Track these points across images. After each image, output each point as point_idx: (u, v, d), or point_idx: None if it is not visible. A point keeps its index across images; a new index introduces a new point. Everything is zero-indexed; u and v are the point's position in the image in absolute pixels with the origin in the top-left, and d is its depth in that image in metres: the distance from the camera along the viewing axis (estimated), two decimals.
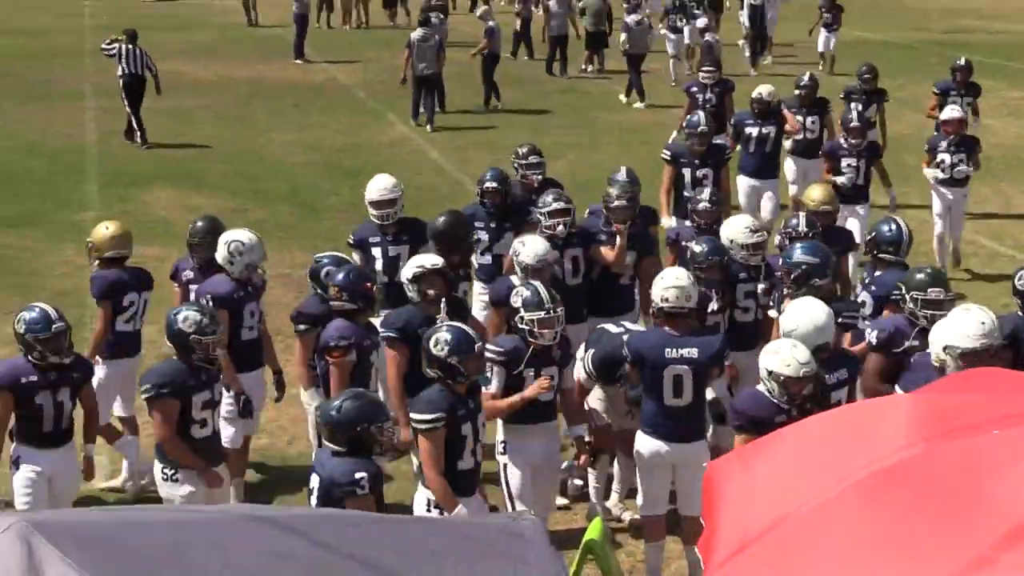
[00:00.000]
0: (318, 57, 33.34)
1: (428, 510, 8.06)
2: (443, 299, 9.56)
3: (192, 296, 10.15)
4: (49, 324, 8.46)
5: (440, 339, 8.18)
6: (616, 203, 10.93)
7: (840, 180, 14.82)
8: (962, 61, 19.48)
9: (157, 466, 8.70)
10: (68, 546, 3.89)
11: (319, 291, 9.84)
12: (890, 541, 4.65)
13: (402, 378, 9.41)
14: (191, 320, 8.52)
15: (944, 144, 15.94)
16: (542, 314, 8.80)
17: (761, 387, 8.09)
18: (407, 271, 9.61)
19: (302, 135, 24.48)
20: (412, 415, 8.12)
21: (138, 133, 23.68)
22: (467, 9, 40.55)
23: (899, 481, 4.82)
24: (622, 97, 27.97)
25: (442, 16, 28.42)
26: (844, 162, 15.23)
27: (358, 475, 7.23)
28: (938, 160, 15.84)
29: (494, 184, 11.77)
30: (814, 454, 5.22)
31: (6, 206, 19.19)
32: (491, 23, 27.47)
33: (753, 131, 16.10)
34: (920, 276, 9.22)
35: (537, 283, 9.18)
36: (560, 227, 10.77)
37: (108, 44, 24.65)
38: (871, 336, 9.07)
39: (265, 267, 10.56)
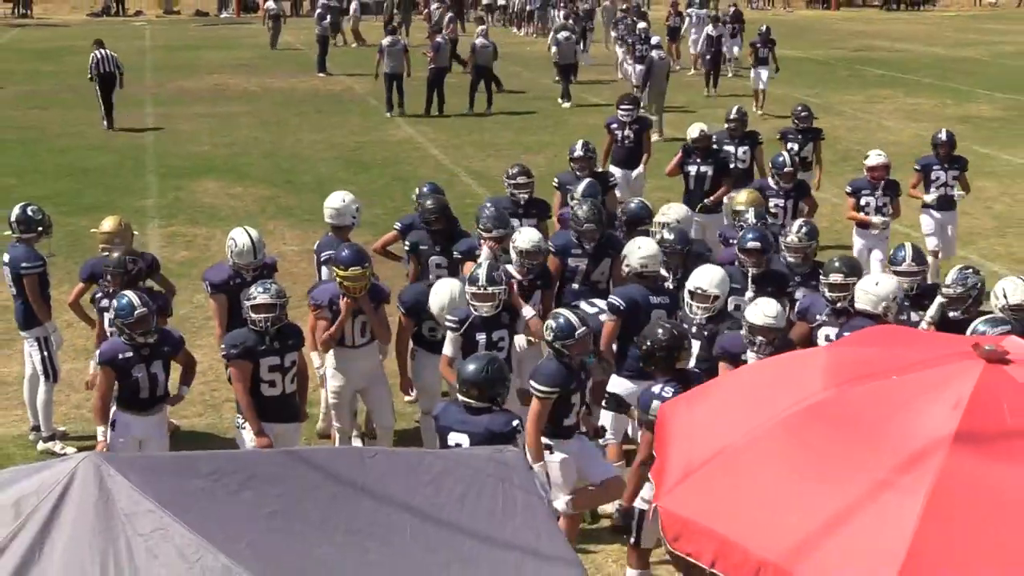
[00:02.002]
0: (337, 71, 33.16)
1: (549, 450, 7.94)
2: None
3: (106, 323, 9.33)
4: (132, 310, 8.34)
5: (548, 325, 8.09)
6: (586, 226, 10.22)
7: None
8: (943, 135, 14.34)
9: (237, 418, 8.68)
10: (134, 476, 3.90)
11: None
12: (809, 468, 4.68)
13: (407, 343, 9.50)
14: (246, 294, 8.52)
15: (868, 189, 13.23)
16: (475, 289, 8.69)
17: (743, 331, 8.20)
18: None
19: (325, 135, 24.36)
20: (532, 382, 7.93)
21: (106, 120, 24.66)
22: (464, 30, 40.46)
23: (816, 418, 4.85)
24: (560, 102, 27.83)
25: (446, 36, 28.21)
26: (772, 202, 12.65)
27: (515, 423, 7.12)
28: (862, 204, 13.18)
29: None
30: (747, 397, 5.26)
31: (81, 194, 19.10)
32: (475, 41, 27.39)
33: (692, 169, 13.90)
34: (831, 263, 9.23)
35: (486, 265, 8.95)
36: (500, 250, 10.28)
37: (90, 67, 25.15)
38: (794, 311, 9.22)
39: (268, 251, 10.27)
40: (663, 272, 9.76)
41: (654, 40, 26.80)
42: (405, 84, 26.62)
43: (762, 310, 8.11)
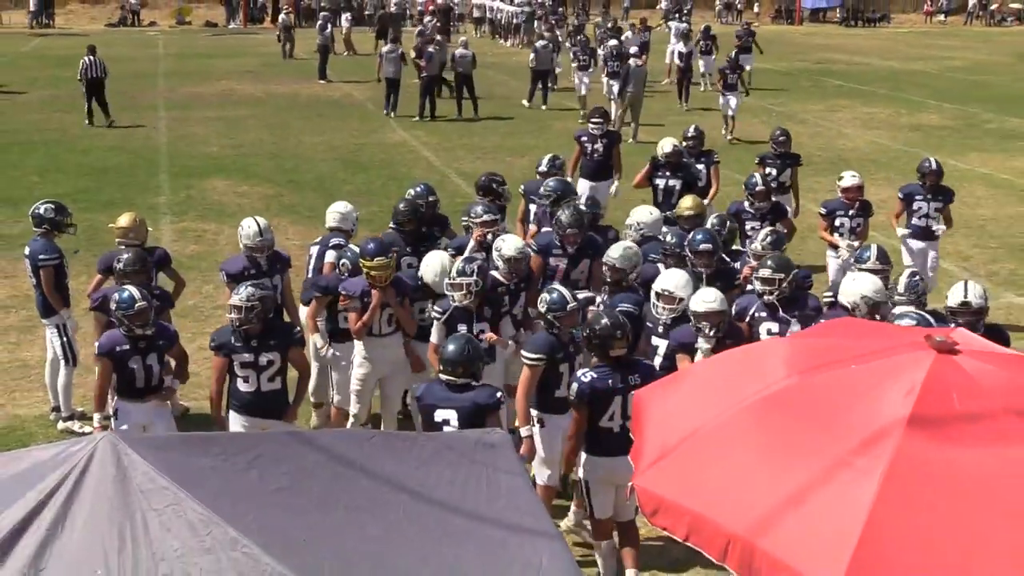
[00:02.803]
0: (337, 78, 33.12)
1: (540, 423, 8.06)
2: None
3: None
4: (133, 303, 8.28)
5: (544, 298, 8.16)
6: (568, 231, 10.03)
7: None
8: (932, 163, 12.86)
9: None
10: (148, 454, 3.90)
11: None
12: (773, 449, 4.69)
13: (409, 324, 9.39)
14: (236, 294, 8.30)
15: (843, 210, 12.23)
16: (447, 280, 8.76)
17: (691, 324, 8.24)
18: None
19: (325, 138, 24.32)
20: (523, 351, 8.09)
21: (92, 118, 25.43)
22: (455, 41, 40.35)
23: (780, 404, 4.85)
24: (524, 102, 28.18)
25: (438, 47, 28.10)
26: (748, 224, 11.92)
27: (499, 394, 7.22)
28: (837, 224, 12.21)
29: (432, 198, 10.91)
30: (716, 384, 5.25)
31: (100, 192, 19.06)
32: (457, 51, 27.32)
33: (660, 182, 13.15)
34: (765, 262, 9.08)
35: (462, 258, 8.95)
36: (489, 235, 10.13)
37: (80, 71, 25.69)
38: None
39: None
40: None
41: (632, 49, 26.26)
42: (401, 91, 26.73)
43: (701, 297, 8.16)
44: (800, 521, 4.35)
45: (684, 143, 14.13)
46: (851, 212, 12.24)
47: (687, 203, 11.23)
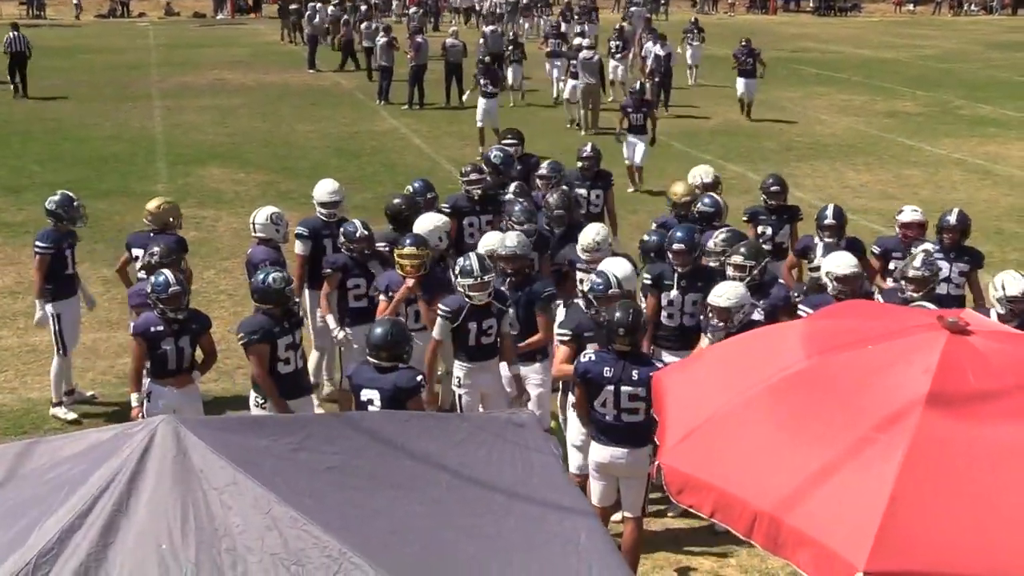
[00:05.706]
0: (326, 68, 32.98)
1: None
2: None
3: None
4: (168, 287, 8.23)
5: (587, 279, 8.27)
6: (556, 212, 10.10)
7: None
8: (952, 217, 9.74)
9: (252, 395, 8.37)
10: (206, 435, 3.90)
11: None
12: (797, 428, 4.71)
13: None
14: (277, 279, 8.16)
15: (901, 251, 9.67)
16: (471, 280, 8.34)
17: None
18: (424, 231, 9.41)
19: (318, 126, 24.24)
20: (556, 328, 8.28)
21: (17, 89, 27.46)
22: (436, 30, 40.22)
23: (801, 384, 4.88)
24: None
25: (423, 37, 27.98)
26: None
27: (419, 378, 7.23)
28: (891, 268, 9.60)
29: (431, 195, 10.88)
30: (736, 365, 5.28)
31: (99, 180, 18.94)
32: (448, 41, 27.17)
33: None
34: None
35: (473, 255, 8.54)
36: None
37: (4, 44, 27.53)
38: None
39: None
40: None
41: (586, 42, 24.91)
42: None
43: (715, 291, 7.96)
44: (826, 496, 4.38)
45: (579, 163, 12.50)
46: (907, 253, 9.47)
47: (680, 189, 10.88)
